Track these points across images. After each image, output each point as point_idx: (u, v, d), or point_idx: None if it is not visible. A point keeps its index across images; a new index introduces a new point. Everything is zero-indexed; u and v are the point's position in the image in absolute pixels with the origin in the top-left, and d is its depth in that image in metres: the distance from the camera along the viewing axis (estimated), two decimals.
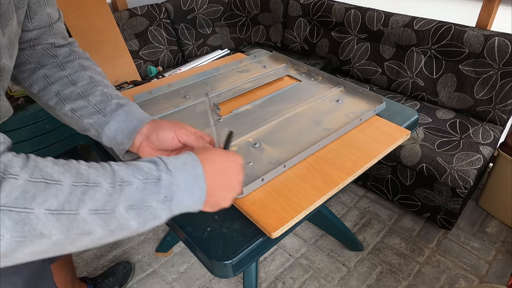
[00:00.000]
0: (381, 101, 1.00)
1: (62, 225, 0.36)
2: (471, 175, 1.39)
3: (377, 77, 1.99)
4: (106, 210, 0.39)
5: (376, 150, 0.84)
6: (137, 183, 0.42)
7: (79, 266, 1.53)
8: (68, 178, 0.38)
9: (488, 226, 1.67)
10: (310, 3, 2.15)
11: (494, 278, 1.45)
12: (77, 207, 0.37)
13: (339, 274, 1.48)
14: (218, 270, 0.64)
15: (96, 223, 0.39)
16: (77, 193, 0.38)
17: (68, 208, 0.37)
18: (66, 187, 0.37)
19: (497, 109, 1.64)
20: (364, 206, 1.80)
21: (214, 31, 2.40)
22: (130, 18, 2.07)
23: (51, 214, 0.36)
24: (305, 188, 0.73)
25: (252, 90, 1.10)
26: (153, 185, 0.43)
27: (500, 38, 1.57)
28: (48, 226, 0.36)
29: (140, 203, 0.42)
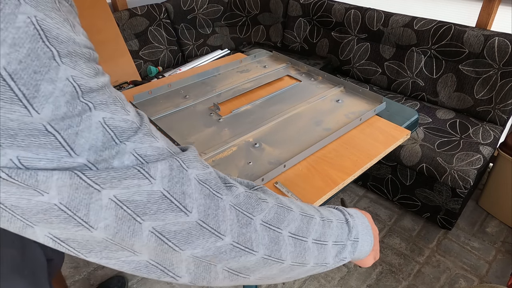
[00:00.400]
0: (381, 101, 1.00)
1: (295, 251, 0.38)
2: (471, 175, 1.39)
3: (377, 77, 1.99)
4: (322, 241, 0.41)
5: (376, 150, 0.84)
6: (335, 222, 0.44)
7: (79, 266, 1.53)
8: (295, 207, 0.40)
9: (488, 226, 1.67)
10: (310, 3, 2.15)
11: (494, 278, 1.44)
12: (306, 235, 0.39)
13: (339, 274, 1.48)
14: None
15: (313, 254, 0.40)
16: (304, 221, 0.39)
17: (301, 234, 0.39)
18: (297, 215, 0.39)
19: (497, 109, 1.64)
20: (364, 206, 1.80)
21: (214, 31, 2.40)
22: (130, 18, 2.07)
23: (292, 238, 0.38)
24: (305, 188, 0.73)
25: (252, 90, 1.10)
26: (345, 226, 0.45)
27: (500, 38, 1.57)
28: (287, 250, 0.37)
29: (340, 240, 0.44)
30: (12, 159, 0.25)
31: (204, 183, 0.33)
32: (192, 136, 0.89)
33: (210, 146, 0.85)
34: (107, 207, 0.28)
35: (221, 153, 0.83)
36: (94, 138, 0.28)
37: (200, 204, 0.32)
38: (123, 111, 0.30)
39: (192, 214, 0.31)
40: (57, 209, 0.27)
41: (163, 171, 0.30)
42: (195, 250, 0.32)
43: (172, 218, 0.30)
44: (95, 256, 0.30)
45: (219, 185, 0.34)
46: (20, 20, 0.23)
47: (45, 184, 0.26)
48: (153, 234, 0.30)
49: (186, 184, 0.31)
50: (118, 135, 0.29)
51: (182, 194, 0.31)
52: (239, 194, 0.35)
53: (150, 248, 0.31)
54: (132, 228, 0.30)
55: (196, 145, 0.86)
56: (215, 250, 0.33)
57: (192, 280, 0.34)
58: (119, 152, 0.29)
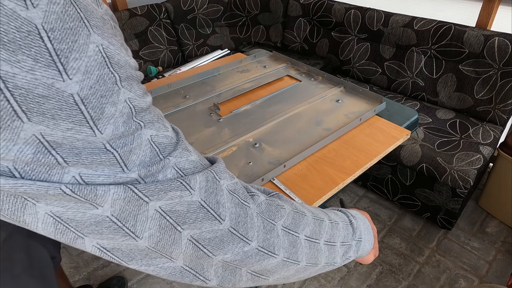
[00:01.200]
0: (381, 101, 1.00)
1: (310, 252, 0.41)
2: (471, 175, 1.39)
3: (377, 77, 1.99)
4: (332, 242, 0.44)
5: (376, 150, 0.84)
6: (341, 224, 0.47)
7: (80, 266, 1.53)
8: (307, 212, 0.43)
9: (488, 226, 1.67)
10: (310, 3, 2.15)
11: (494, 278, 1.44)
12: (319, 237, 0.42)
13: (339, 274, 1.48)
14: None
15: (324, 254, 0.43)
16: (316, 225, 0.42)
17: (315, 237, 0.42)
18: (311, 219, 0.42)
19: (497, 109, 1.64)
20: (364, 206, 1.80)
21: (214, 31, 2.40)
22: (130, 18, 2.07)
23: (307, 241, 0.41)
24: (305, 188, 0.73)
25: (252, 90, 1.10)
26: (350, 227, 0.48)
27: (500, 38, 1.57)
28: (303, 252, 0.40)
29: (346, 241, 0.47)
30: (74, 176, 0.27)
31: (233, 192, 0.36)
32: (192, 136, 0.89)
33: (210, 146, 0.85)
34: (152, 217, 0.31)
35: (221, 153, 0.83)
36: (143, 154, 0.30)
37: (232, 212, 0.34)
38: (164, 128, 0.33)
39: (225, 222, 0.34)
40: (109, 221, 0.29)
41: (201, 183, 0.33)
42: (226, 255, 0.35)
43: (208, 226, 0.33)
44: (135, 263, 0.33)
45: (245, 194, 0.37)
46: (91, 49, 0.26)
47: (102, 198, 0.28)
48: (191, 242, 0.33)
49: (219, 194, 0.34)
50: (161, 150, 0.32)
51: (216, 203, 0.33)
52: (261, 203, 0.38)
53: (187, 254, 0.33)
54: (173, 237, 0.32)
55: (196, 145, 0.86)
56: (242, 254, 0.36)
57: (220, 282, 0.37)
58: (164, 166, 0.31)
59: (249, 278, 0.38)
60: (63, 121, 0.25)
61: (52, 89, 0.24)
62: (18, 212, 0.28)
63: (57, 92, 0.24)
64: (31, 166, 0.26)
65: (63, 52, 0.24)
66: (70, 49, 0.25)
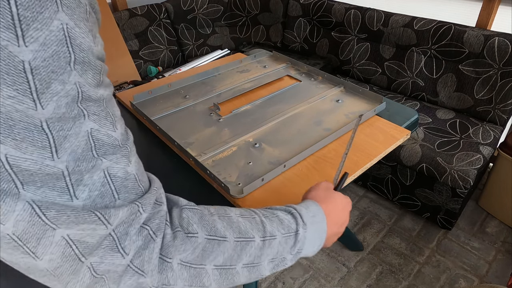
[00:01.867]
0: (381, 101, 1.00)
1: (221, 278, 0.41)
2: (471, 175, 1.39)
3: (377, 77, 1.99)
4: (255, 263, 0.44)
5: (376, 150, 0.84)
6: (279, 237, 0.46)
7: None
8: (231, 234, 0.41)
9: (488, 226, 1.67)
10: (310, 3, 2.15)
11: (494, 278, 1.44)
12: (236, 263, 0.42)
13: (339, 274, 1.48)
14: None
15: (244, 275, 0.43)
16: (237, 249, 0.42)
17: (229, 263, 0.41)
18: (231, 244, 0.41)
19: (497, 109, 1.64)
20: (364, 206, 1.80)
21: (214, 31, 2.40)
22: (130, 18, 2.07)
23: (217, 269, 0.40)
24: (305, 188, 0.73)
25: (252, 90, 1.10)
26: (292, 239, 0.47)
27: (500, 38, 1.57)
28: (211, 279, 0.40)
29: (279, 256, 0.46)
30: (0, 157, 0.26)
31: (146, 224, 0.35)
32: (192, 136, 0.89)
33: (210, 146, 0.85)
34: (57, 243, 0.30)
35: (221, 153, 0.83)
36: (77, 145, 0.29)
37: (137, 246, 0.34)
38: (111, 127, 0.32)
39: (128, 256, 0.34)
40: (9, 238, 0.28)
41: (121, 218, 0.33)
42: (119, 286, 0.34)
43: (111, 259, 0.33)
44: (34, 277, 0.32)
45: (160, 227, 0.36)
46: (54, 24, 0.27)
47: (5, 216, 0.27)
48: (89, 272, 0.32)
49: (133, 226, 0.34)
50: (97, 148, 0.31)
51: (125, 235, 0.33)
52: (166, 235, 0.37)
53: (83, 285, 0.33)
54: (74, 267, 0.31)
55: (196, 145, 0.86)
56: (137, 285, 0.35)
57: None
58: (94, 166, 0.31)
59: None
60: (7, 87, 0.25)
61: (5, 51, 0.24)
62: None
63: (8, 55, 0.25)
64: None
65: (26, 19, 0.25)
66: (34, 18, 0.25)
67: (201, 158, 0.80)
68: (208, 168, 0.76)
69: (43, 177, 0.28)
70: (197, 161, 0.78)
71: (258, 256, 0.44)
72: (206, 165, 0.78)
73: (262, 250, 0.44)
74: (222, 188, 0.73)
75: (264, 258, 0.44)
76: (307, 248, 0.49)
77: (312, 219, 0.50)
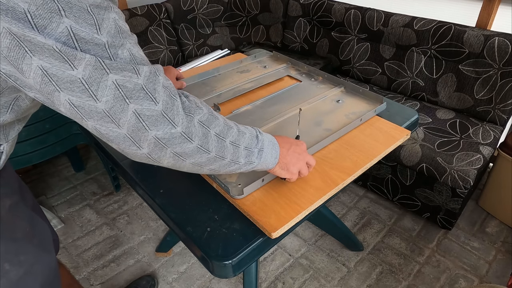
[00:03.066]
0: (382, 101, 1.00)
1: (218, 146, 0.54)
2: (471, 175, 1.39)
3: (377, 77, 1.99)
4: (236, 144, 0.58)
5: (376, 150, 0.84)
6: (248, 134, 0.61)
7: (79, 266, 1.53)
8: (221, 118, 0.57)
9: (488, 226, 1.67)
10: (310, 3, 2.15)
11: (494, 278, 1.45)
12: (226, 136, 0.56)
13: (339, 274, 1.48)
14: (218, 270, 0.64)
15: (230, 151, 0.57)
16: (226, 128, 0.56)
17: (222, 135, 0.55)
18: (221, 123, 0.56)
19: (497, 109, 1.64)
20: (364, 206, 1.80)
21: (214, 31, 2.40)
22: (130, 18, 2.07)
23: (216, 136, 0.54)
24: (305, 188, 0.73)
25: (252, 90, 1.10)
26: (255, 139, 0.62)
27: (500, 38, 1.57)
28: (213, 145, 0.54)
29: (249, 147, 0.60)
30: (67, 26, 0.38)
31: (166, 87, 0.48)
32: None
33: None
34: (109, 87, 0.42)
35: None
36: (110, 26, 0.42)
37: (164, 100, 0.47)
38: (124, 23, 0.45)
39: (159, 105, 0.46)
40: (79, 82, 0.40)
41: (145, 72, 0.45)
42: (158, 132, 0.47)
43: (147, 105, 0.45)
44: (93, 121, 0.44)
45: (175, 92, 0.49)
46: None
47: (79, 61, 0.39)
48: (134, 115, 0.44)
49: (156, 83, 0.46)
50: (121, 32, 0.44)
51: (153, 90, 0.46)
52: (184, 101, 0.51)
53: (130, 124, 0.45)
54: (122, 107, 0.43)
55: None
56: (170, 135, 0.48)
57: (149, 152, 0.48)
58: (123, 45, 0.43)
59: (171, 157, 0.50)
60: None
61: None
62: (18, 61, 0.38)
63: None
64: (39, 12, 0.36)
65: None
66: None
67: None
68: None
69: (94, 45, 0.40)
70: None
71: (238, 139, 0.58)
72: None
73: (239, 136, 0.58)
74: (222, 188, 0.73)
75: (241, 143, 0.58)
76: (266, 151, 0.63)
77: (266, 134, 0.66)
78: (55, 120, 1.63)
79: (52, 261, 0.71)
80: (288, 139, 0.71)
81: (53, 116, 1.61)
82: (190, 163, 0.53)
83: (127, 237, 1.66)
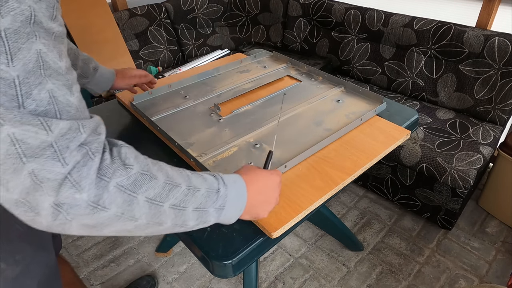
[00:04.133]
0: (382, 101, 1.00)
1: (150, 212, 0.44)
2: (471, 175, 1.39)
3: (377, 77, 1.99)
4: (181, 207, 0.47)
5: (376, 150, 0.84)
6: (203, 191, 0.50)
7: (79, 266, 1.53)
8: (162, 176, 0.45)
9: (488, 226, 1.67)
10: (310, 3, 2.15)
11: (494, 278, 1.45)
12: (164, 200, 0.45)
13: (339, 274, 1.48)
14: (218, 270, 0.64)
15: (170, 216, 0.46)
16: (166, 189, 0.45)
17: (158, 199, 0.44)
18: (161, 183, 0.45)
19: (497, 109, 1.64)
20: (364, 206, 1.80)
21: (214, 31, 2.40)
22: (130, 18, 2.07)
23: (147, 202, 0.43)
24: (305, 188, 0.73)
25: (252, 90, 1.10)
26: (214, 195, 0.51)
27: (500, 38, 1.57)
28: (141, 211, 0.43)
29: (203, 207, 0.50)
30: None
31: (85, 144, 0.39)
32: (193, 136, 0.89)
33: (211, 147, 0.85)
34: (2, 140, 0.34)
35: (221, 154, 0.83)
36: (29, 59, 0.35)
37: (75, 160, 0.37)
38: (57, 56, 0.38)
39: (67, 166, 0.37)
40: None
41: (61, 129, 0.37)
42: (58, 197, 0.37)
43: (50, 166, 0.36)
44: None
45: (97, 149, 0.40)
46: None
47: None
48: (30, 176, 0.35)
49: (73, 141, 0.37)
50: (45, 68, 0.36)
51: (66, 148, 0.37)
52: (105, 159, 0.41)
53: (24, 187, 0.36)
54: (15, 166, 0.35)
55: (196, 145, 0.86)
56: (72, 200, 0.38)
57: (49, 224, 0.38)
58: (41, 83, 0.36)
59: (81, 229, 0.40)
60: None
61: None
62: None
63: None
64: None
65: None
66: None
67: (202, 158, 0.80)
68: (209, 169, 0.76)
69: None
70: (198, 161, 0.78)
71: (184, 201, 0.47)
72: (207, 165, 0.78)
73: (187, 196, 0.48)
74: None
75: (189, 204, 0.48)
76: (229, 207, 0.53)
77: (233, 184, 0.54)
78: None
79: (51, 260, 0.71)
80: (258, 177, 0.59)
81: None
82: (110, 232, 0.43)
83: (127, 237, 1.66)
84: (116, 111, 1.01)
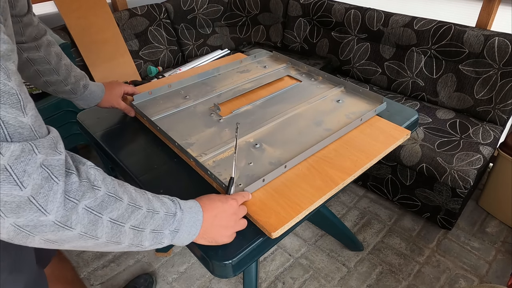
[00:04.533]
0: (382, 101, 1.00)
1: (111, 232, 0.46)
2: (471, 175, 1.39)
3: (377, 77, 1.99)
4: (140, 228, 0.50)
5: (376, 150, 0.84)
6: (162, 214, 0.53)
7: (79, 266, 1.53)
8: (126, 198, 0.48)
9: (488, 226, 1.67)
10: (310, 3, 2.15)
11: (494, 278, 1.45)
12: (126, 221, 0.47)
13: (339, 274, 1.48)
14: (218, 270, 0.64)
15: (129, 236, 0.49)
16: (128, 211, 0.48)
17: (121, 220, 0.47)
18: (125, 205, 0.47)
19: (497, 109, 1.64)
20: (364, 206, 1.80)
21: (214, 31, 2.40)
22: (130, 18, 2.07)
23: (110, 222, 0.45)
24: (305, 188, 0.73)
25: (252, 91, 1.10)
26: (171, 218, 0.54)
27: (500, 38, 1.57)
28: (104, 231, 0.45)
29: (159, 229, 0.52)
30: None
31: (47, 167, 0.39)
32: (193, 136, 0.89)
33: (210, 147, 0.85)
34: None
35: (221, 154, 0.83)
36: None
37: (36, 183, 0.37)
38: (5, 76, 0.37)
39: (26, 189, 0.37)
40: None
41: (13, 151, 0.36)
42: (18, 219, 0.37)
43: (7, 189, 0.36)
44: None
45: (60, 173, 0.40)
46: None
47: None
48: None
49: (29, 164, 0.37)
50: None
51: (22, 171, 0.37)
52: (73, 183, 0.41)
53: None
54: None
55: (196, 145, 0.86)
56: (37, 222, 0.39)
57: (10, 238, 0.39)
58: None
59: (42, 243, 0.42)
60: None
61: None
62: None
63: None
64: None
65: None
66: None
67: (201, 158, 0.80)
68: (208, 169, 0.76)
69: None
70: (198, 161, 0.78)
71: (143, 223, 0.50)
72: (206, 165, 0.78)
73: (147, 218, 0.50)
74: (223, 188, 0.73)
75: (147, 226, 0.50)
76: (183, 231, 0.55)
77: (189, 209, 0.57)
78: (54, 120, 1.63)
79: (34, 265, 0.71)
80: (215, 203, 0.61)
81: (53, 116, 1.61)
82: (70, 246, 0.45)
83: None
84: (115, 111, 1.01)
